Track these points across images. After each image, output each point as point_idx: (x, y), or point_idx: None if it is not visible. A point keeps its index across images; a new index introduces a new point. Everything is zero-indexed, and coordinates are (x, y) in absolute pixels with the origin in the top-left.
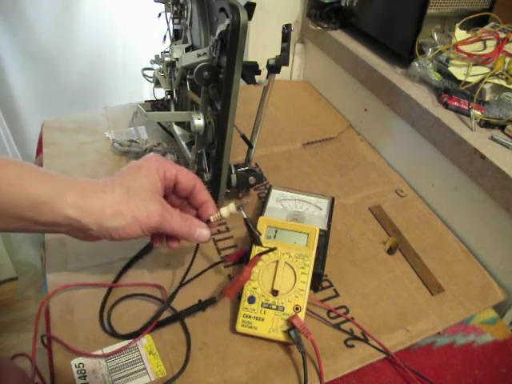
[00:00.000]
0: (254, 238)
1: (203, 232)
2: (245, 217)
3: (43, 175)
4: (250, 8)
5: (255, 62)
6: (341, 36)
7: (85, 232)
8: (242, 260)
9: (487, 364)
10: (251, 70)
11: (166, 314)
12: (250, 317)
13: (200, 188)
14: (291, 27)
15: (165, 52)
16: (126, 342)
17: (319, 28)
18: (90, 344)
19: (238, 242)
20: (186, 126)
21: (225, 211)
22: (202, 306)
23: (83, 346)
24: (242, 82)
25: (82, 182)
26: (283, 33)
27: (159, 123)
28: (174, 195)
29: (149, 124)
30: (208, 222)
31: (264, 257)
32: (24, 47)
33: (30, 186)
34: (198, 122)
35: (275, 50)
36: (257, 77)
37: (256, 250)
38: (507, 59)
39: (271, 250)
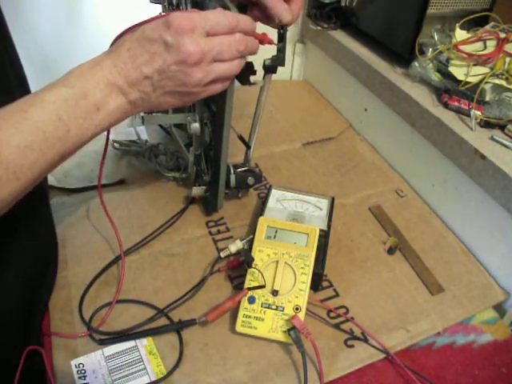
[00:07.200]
0: (247, 259)
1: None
2: (245, 248)
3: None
4: (244, 9)
5: (250, 62)
6: (341, 36)
7: None
8: (241, 265)
9: (487, 364)
10: (245, 70)
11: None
12: (249, 317)
13: None
14: (286, 27)
15: None
16: (125, 343)
17: (319, 28)
18: (90, 344)
19: None
20: (183, 127)
21: (233, 247)
22: (180, 325)
23: (83, 346)
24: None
25: None
26: (279, 33)
27: (159, 124)
28: None
29: (148, 124)
30: (219, 258)
31: (264, 257)
32: (24, 47)
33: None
34: (194, 124)
35: (274, 50)
36: (253, 77)
37: (248, 277)
38: (507, 59)
39: (261, 287)
